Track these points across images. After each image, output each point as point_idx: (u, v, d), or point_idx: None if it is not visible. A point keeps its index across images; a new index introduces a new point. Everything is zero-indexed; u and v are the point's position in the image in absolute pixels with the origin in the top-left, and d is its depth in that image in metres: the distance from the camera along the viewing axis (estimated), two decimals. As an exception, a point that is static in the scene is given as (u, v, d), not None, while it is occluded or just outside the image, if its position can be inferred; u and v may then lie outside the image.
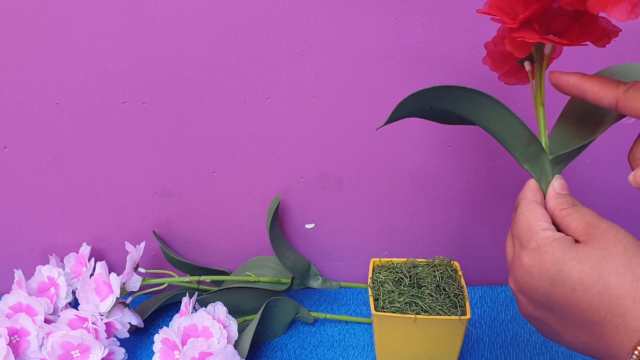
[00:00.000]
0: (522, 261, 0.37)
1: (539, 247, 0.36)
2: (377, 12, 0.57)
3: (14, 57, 0.61)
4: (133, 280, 0.63)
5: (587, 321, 0.34)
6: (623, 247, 0.34)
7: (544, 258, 0.35)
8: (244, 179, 0.68)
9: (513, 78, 0.45)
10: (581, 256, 0.34)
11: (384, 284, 0.58)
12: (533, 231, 0.37)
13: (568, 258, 0.34)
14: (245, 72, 0.61)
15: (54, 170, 0.68)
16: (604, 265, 0.33)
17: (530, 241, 0.37)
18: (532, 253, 0.36)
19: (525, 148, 0.42)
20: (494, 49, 0.43)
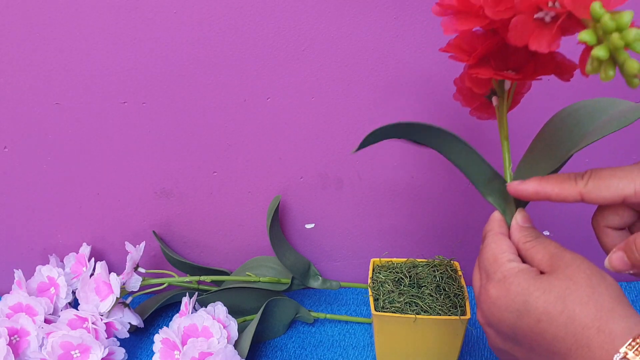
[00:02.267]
0: (488, 293, 0.37)
1: (504, 278, 0.36)
2: (377, 12, 0.57)
3: (14, 57, 0.61)
4: (133, 280, 0.63)
5: (554, 352, 0.34)
6: (586, 276, 0.34)
7: (509, 289, 0.36)
8: (244, 179, 0.68)
9: (484, 113, 0.46)
10: (545, 286, 0.35)
11: (384, 284, 0.58)
12: (499, 263, 0.38)
13: (533, 289, 0.35)
14: (245, 72, 0.61)
15: (54, 170, 0.68)
16: (568, 295, 0.34)
17: (496, 272, 0.37)
18: (498, 284, 0.37)
19: (487, 182, 0.43)
20: (462, 85, 0.44)
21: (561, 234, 0.70)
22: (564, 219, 0.69)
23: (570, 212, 0.69)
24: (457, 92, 0.45)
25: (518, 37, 0.34)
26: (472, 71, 0.39)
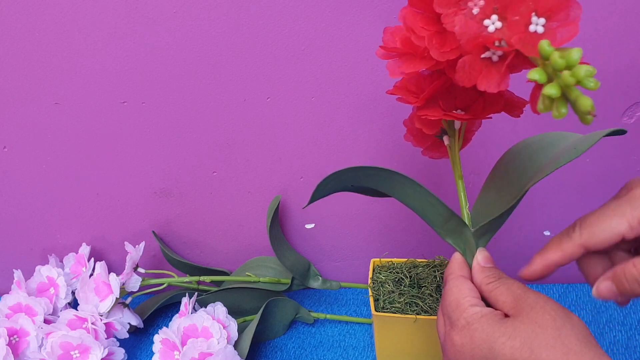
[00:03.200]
0: (453, 341, 0.36)
1: (468, 324, 0.36)
2: (377, 12, 0.57)
3: (14, 57, 0.61)
4: (133, 281, 0.63)
5: None
6: (551, 318, 0.34)
7: (473, 336, 0.35)
8: (244, 179, 0.68)
9: (436, 152, 0.45)
10: (510, 332, 0.34)
11: (384, 284, 0.58)
12: (461, 308, 0.37)
13: (498, 334, 0.34)
14: (245, 72, 0.61)
15: (54, 170, 0.68)
16: (534, 339, 0.33)
17: (459, 319, 0.36)
18: (462, 331, 0.36)
19: (444, 223, 0.43)
20: (411, 126, 0.43)
21: (561, 234, 0.70)
22: (564, 219, 0.69)
23: (571, 213, 0.68)
24: (407, 133, 0.45)
25: (466, 78, 0.33)
26: (421, 113, 0.38)
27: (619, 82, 0.59)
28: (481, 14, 0.32)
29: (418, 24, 0.35)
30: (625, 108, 0.61)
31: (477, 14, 0.32)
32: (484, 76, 0.33)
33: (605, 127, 0.63)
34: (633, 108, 0.61)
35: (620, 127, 0.62)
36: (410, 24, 0.35)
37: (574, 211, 0.68)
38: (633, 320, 0.67)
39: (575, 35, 0.31)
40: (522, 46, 0.31)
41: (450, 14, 0.33)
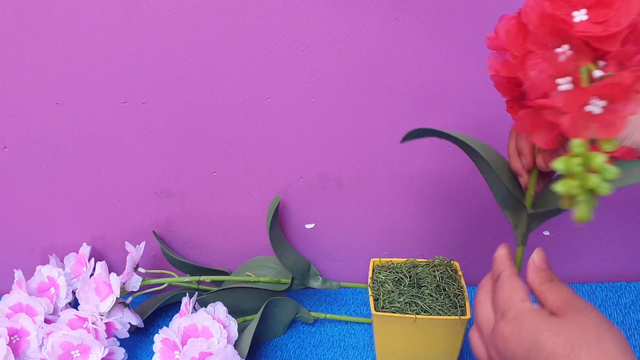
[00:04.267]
0: (502, 330, 0.39)
1: (516, 316, 0.39)
2: (377, 12, 0.57)
3: (14, 57, 0.61)
4: (133, 281, 0.63)
5: None
6: (594, 325, 0.36)
7: (522, 327, 0.38)
8: (244, 179, 0.68)
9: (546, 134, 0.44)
10: (556, 328, 0.37)
11: (384, 284, 0.58)
12: (512, 301, 0.40)
13: (544, 328, 0.37)
14: (245, 72, 0.61)
15: (54, 170, 0.68)
16: (577, 339, 0.36)
17: (510, 310, 0.39)
18: (512, 322, 0.39)
19: (505, 199, 0.45)
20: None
21: (561, 233, 0.70)
22: (564, 219, 0.69)
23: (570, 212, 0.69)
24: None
25: (521, 126, 0.36)
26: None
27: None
28: (559, 69, 0.33)
29: (517, 42, 0.36)
30: (624, 108, 0.61)
31: (554, 66, 0.33)
32: (536, 131, 0.34)
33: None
34: (633, 108, 0.61)
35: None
36: (510, 38, 0.37)
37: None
38: (633, 320, 0.67)
39: (616, 134, 0.32)
40: (570, 129, 0.32)
41: (535, 57, 0.34)
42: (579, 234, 0.70)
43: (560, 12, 0.32)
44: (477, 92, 0.61)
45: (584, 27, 0.32)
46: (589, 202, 0.31)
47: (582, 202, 0.31)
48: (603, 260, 0.72)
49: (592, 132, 0.32)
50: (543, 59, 0.34)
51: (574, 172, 0.31)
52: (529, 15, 0.35)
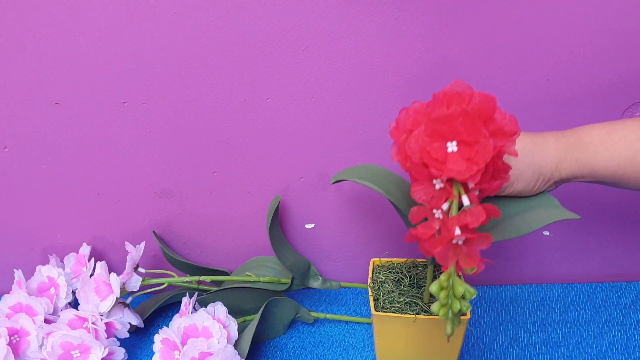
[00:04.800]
0: None
1: None
2: (377, 12, 0.57)
3: (14, 57, 0.61)
4: (133, 280, 0.63)
5: None
6: None
7: None
8: (244, 179, 0.68)
9: None
10: None
11: (384, 284, 0.58)
12: None
13: None
14: (245, 72, 0.61)
15: (54, 170, 0.68)
16: None
17: None
18: None
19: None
20: None
21: (561, 233, 0.70)
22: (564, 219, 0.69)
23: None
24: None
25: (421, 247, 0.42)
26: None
27: (619, 82, 0.59)
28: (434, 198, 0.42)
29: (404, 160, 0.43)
30: (624, 108, 0.61)
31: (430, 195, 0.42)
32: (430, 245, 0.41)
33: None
34: (632, 108, 0.61)
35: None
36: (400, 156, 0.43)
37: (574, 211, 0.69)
38: (632, 320, 0.67)
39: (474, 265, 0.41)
40: (440, 260, 0.41)
41: (416, 185, 0.42)
42: (579, 234, 0.70)
43: (435, 151, 0.39)
44: (477, 92, 0.61)
45: (454, 165, 0.39)
46: (456, 319, 0.41)
47: (449, 320, 0.41)
48: (603, 260, 0.72)
49: (456, 261, 0.40)
50: (422, 189, 0.42)
51: (442, 300, 0.40)
52: (411, 146, 0.41)
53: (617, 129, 0.46)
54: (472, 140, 0.39)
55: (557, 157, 0.47)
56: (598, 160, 0.46)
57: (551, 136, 0.48)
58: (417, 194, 0.42)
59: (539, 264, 0.72)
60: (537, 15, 0.56)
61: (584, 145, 0.47)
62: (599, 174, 0.47)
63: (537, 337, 0.65)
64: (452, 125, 0.39)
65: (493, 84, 0.60)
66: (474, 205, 0.40)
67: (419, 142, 0.40)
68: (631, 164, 0.45)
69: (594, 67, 0.58)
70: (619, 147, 0.45)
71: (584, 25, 0.56)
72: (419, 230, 0.41)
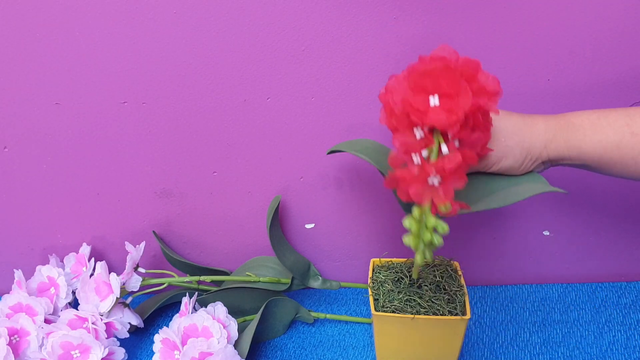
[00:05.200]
0: None
1: None
2: (377, 12, 0.57)
3: (14, 57, 0.61)
4: (133, 280, 0.63)
5: None
6: None
7: None
8: (244, 179, 0.68)
9: None
10: None
11: (384, 284, 0.58)
12: None
13: None
14: (245, 72, 0.61)
15: (54, 170, 0.68)
16: None
17: None
18: None
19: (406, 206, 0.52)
20: None
21: (561, 233, 0.70)
22: (564, 219, 0.69)
23: (570, 213, 0.69)
24: None
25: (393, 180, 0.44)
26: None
27: (619, 82, 0.59)
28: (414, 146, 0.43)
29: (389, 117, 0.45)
30: (624, 108, 0.61)
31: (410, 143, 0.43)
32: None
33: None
34: (633, 108, 0.61)
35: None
36: (385, 113, 0.45)
37: (574, 211, 0.69)
38: (632, 320, 0.67)
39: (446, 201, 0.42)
40: (415, 196, 0.43)
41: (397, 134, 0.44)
42: (579, 234, 0.70)
43: (417, 103, 0.41)
44: (477, 92, 0.61)
45: (434, 114, 0.40)
46: (427, 250, 0.43)
47: (420, 251, 0.43)
48: (603, 260, 0.72)
49: (431, 198, 0.42)
50: (403, 137, 0.43)
51: (413, 232, 0.43)
52: (394, 98, 0.42)
53: (607, 115, 0.47)
54: (453, 92, 0.40)
55: (546, 137, 0.48)
56: (586, 142, 0.47)
57: (541, 117, 0.49)
58: (398, 142, 0.43)
59: (539, 264, 0.72)
60: (537, 15, 0.56)
61: (573, 128, 0.48)
62: (586, 156, 0.48)
63: (537, 337, 0.65)
64: (435, 78, 0.40)
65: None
66: (452, 152, 0.42)
67: (402, 94, 0.41)
68: (618, 148, 0.46)
69: (594, 67, 0.58)
70: (607, 131, 0.46)
71: (584, 25, 0.56)
72: (397, 174, 0.43)
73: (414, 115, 0.41)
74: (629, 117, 0.47)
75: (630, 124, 0.46)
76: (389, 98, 0.43)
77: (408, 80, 0.42)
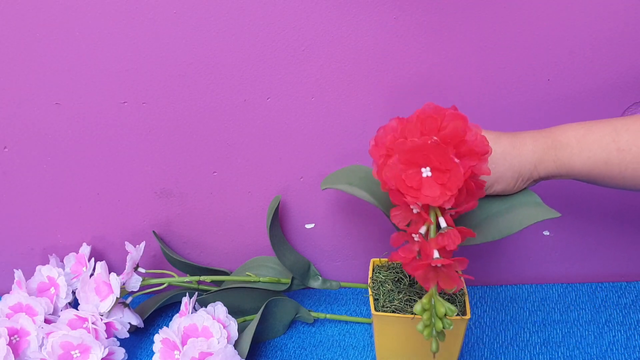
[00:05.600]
0: None
1: None
2: (377, 12, 0.57)
3: (14, 57, 0.61)
4: (133, 280, 0.63)
5: None
6: None
7: None
8: (244, 179, 0.68)
9: None
10: None
11: (384, 284, 0.58)
12: None
13: None
14: (245, 72, 0.61)
15: (54, 170, 0.68)
16: None
17: None
18: None
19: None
20: None
21: (561, 233, 0.70)
22: (564, 219, 0.69)
23: (570, 213, 0.69)
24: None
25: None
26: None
27: (618, 82, 0.59)
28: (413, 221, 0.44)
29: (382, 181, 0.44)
30: (624, 108, 0.61)
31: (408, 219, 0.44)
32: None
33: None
34: (633, 108, 0.61)
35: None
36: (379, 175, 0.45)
37: (574, 211, 0.69)
38: (632, 320, 0.67)
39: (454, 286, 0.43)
40: (421, 281, 0.43)
41: (395, 209, 0.45)
42: (579, 234, 0.70)
43: (409, 179, 0.41)
44: (476, 91, 0.61)
45: (428, 191, 0.41)
46: (440, 336, 0.43)
47: (434, 338, 0.43)
48: (603, 260, 0.72)
49: (436, 283, 0.42)
50: (401, 214, 0.44)
51: (425, 321, 0.42)
52: (387, 174, 0.42)
53: (593, 131, 0.48)
54: (444, 168, 0.41)
55: (535, 158, 0.49)
56: (575, 160, 0.48)
57: (529, 137, 0.50)
58: (396, 219, 0.44)
59: (539, 264, 0.72)
60: (537, 15, 0.56)
61: (560, 146, 0.48)
62: (576, 173, 0.49)
63: (537, 337, 0.65)
64: (424, 154, 0.41)
65: (493, 84, 0.60)
66: (450, 228, 0.42)
67: (394, 170, 0.42)
68: (606, 164, 0.47)
69: (594, 67, 0.58)
70: (594, 149, 0.47)
71: (584, 25, 0.56)
72: (400, 255, 0.43)
73: (409, 195, 0.41)
74: (615, 132, 0.47)
75: (616, 139, 0.47)
76: (383, 167, 0.43)
77: (399, 156, 0.42)
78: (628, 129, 0.47)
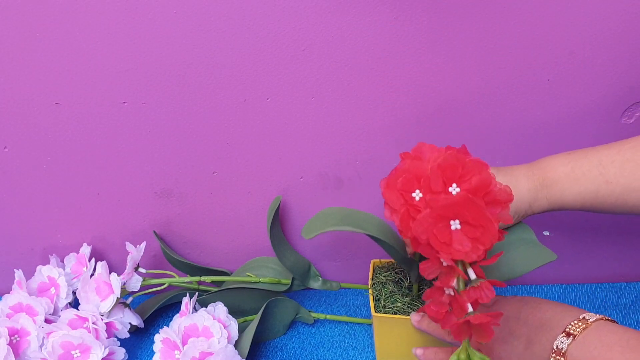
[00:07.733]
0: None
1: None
2: (377, 12, 0.57)
3: (14, 57, 0.61)
4: (133, 281, 0.63)
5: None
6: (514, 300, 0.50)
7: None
8: (244, 179, 0.68)
9: None
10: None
11: (384, 285, 0.58)
12: None
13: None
14: (245, 72, 0.61)
15: (54, 170, 0.68)
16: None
17: None
18: None
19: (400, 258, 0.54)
20: None
21: (561, 233, 0.70)
22: (564, 219, 0.69)
23: (570, 213, 0.69)
24: None
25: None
26: None
27: (618, 82, 0.59)
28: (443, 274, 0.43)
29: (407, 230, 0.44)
30: (624, 108, 0.61)
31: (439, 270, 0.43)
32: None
33: (603, 127, 0.63)
34: (632, 108, 0.61)
35: (620, 126, 0.63)
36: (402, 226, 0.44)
37: (574, 212, 0.69)
38: (632, 321, 0.67)
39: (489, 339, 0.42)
40: (455, 336, 0.42)
41: (424, 263, 0.43)
42: (579, 234, 0.70)
43: (440, 233, 0.40)
44: (476, 91, 0.61)
45: (460, 247, 0.40)
46: None
47: None
48: (603, 260, 0.72)
49: (469, 335, 0.42)
50: (431, 265, 0.43)
51: None
52: (416, 229, 0.41)
53: (581, 164, 0.49)
54: (477, 223, 0.40)
55: (530, 198, 0.51)
56: (566, 196, 0.50)
57: (522, 175, 0.51)
58: (426, 271, 0.43)
59: (539, 264, 0.72)
60: (537, 15, 0.56)
61: (552, 183, 0.50)
62: (568, 207, 0.51)
63: (537, 337, 0.65)
64: (458, 209, 0.40)
65: (493, 84, 0.60)
66: (481, 280, 0.42)
67: (425, 224, 0.41)
68: (596, 197, 0.49)
69: (594, 67, 0.58)
70: (583, 183, 0.49)
71: (584, 25, 0.56)
72: (432, 310, 0.43)
73: (442, 251, 0.40)
74: (601, 165, 0.49)
75: (603, 173, 0.48)
76: (406, 215, 0.43)
77: (430, 211, 0.41)
78: (613, 161, 0.48)
